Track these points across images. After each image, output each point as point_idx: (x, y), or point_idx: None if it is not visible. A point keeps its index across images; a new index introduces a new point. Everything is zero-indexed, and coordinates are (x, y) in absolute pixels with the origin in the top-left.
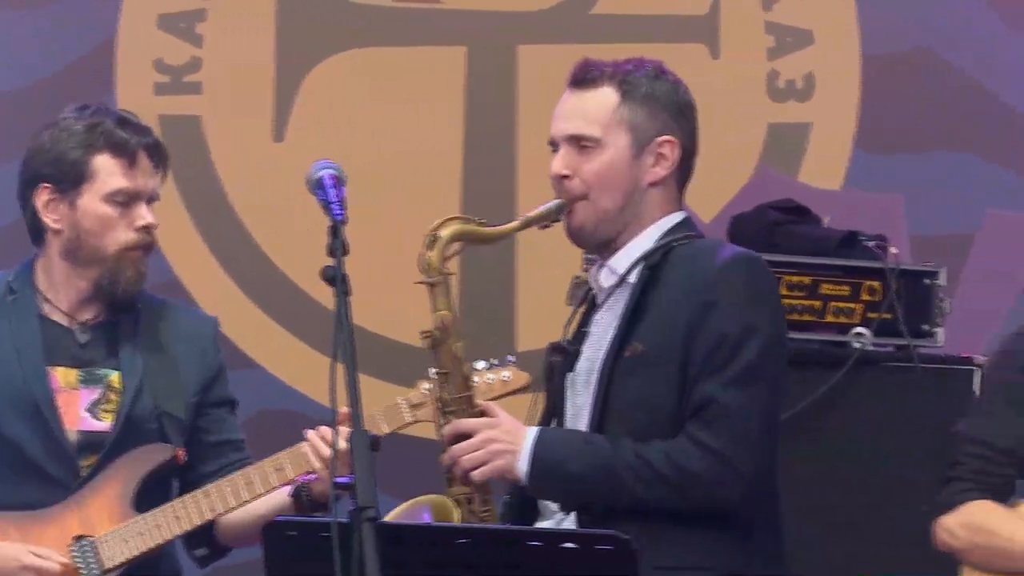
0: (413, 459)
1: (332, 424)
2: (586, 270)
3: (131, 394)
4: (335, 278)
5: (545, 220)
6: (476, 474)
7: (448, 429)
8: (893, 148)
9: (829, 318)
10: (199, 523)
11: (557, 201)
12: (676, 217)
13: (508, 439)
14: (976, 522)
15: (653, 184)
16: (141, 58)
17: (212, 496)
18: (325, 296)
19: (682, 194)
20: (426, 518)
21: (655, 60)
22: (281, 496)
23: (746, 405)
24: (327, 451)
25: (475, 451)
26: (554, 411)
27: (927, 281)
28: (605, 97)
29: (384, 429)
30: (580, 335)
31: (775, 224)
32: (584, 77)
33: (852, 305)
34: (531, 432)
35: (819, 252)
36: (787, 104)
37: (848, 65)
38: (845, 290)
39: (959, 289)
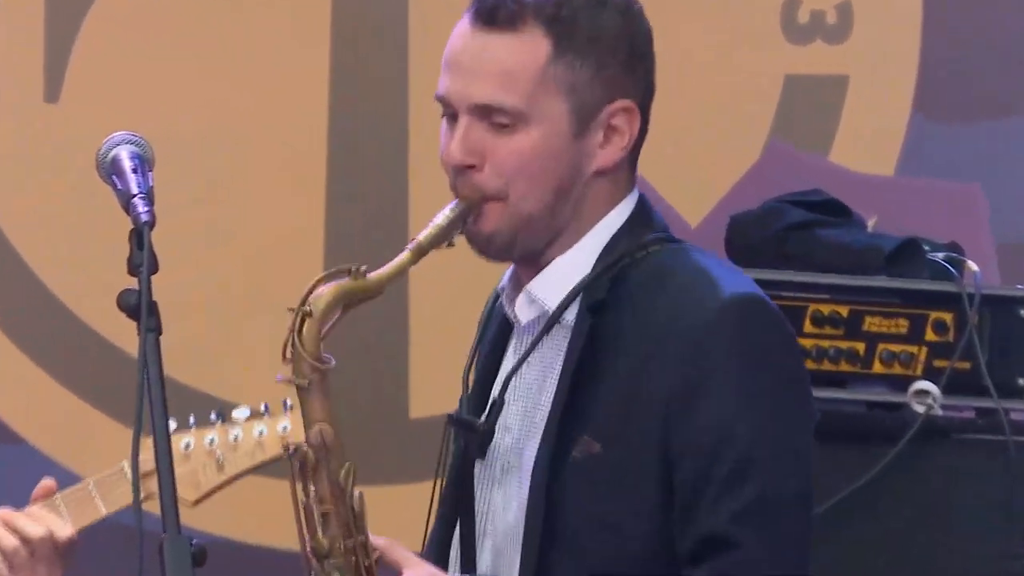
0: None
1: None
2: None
3: None
4: (139, 307)
5: (446, 239)
6: None
7: None
8: (970, 115)
9: (878, 368)
10: None
11: (457, 205)
12: (624, 210)
13: None
14: None
15: (601, 172)
16: None
17: None
18: (125, 335)
19: (634, 170)
20: None
21: None
22: None
23: (774, 550)
24: (12, 542)
25: None
26: (456, 511)
27: (1023, 312)
28: (531, 46)
29: (102, 511)
30: (494, 405)
31: (794, 227)
32: (495, 11)
33: (911, 348)
34: None
35: (861, 269)
36: (812, 47)
37: None
38: (901, 326)
39: None
